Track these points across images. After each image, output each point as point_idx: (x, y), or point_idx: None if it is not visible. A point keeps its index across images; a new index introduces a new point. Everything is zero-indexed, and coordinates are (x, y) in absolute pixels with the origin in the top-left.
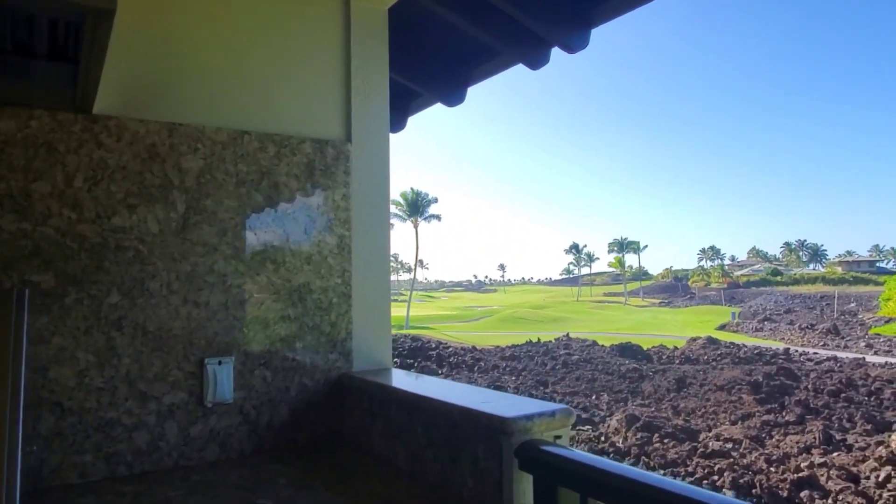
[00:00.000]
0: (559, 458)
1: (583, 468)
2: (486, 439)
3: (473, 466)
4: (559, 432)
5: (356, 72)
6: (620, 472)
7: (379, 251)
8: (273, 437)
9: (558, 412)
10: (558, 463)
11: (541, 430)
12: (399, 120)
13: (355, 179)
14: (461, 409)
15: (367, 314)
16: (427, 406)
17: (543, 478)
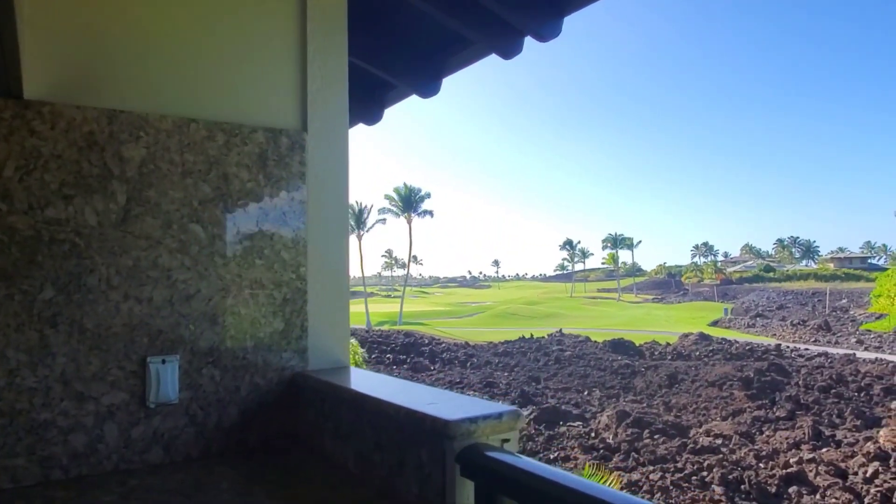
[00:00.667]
0: (502, 464)
1: (525, 476)
2: (430, 443)
3: (418, 472)
4: (507, 436)
5: (313, 58)
6: (565, 482)
7: (337, 245)
8: (222, 438)
9: (506, 414)
10: (501, 470)
11: (486, 434)
12: (375, 112)
13: (312, 171)
14: (406, 411)
15: (324, 311)
16: (374, 407)
17: (485, 486)
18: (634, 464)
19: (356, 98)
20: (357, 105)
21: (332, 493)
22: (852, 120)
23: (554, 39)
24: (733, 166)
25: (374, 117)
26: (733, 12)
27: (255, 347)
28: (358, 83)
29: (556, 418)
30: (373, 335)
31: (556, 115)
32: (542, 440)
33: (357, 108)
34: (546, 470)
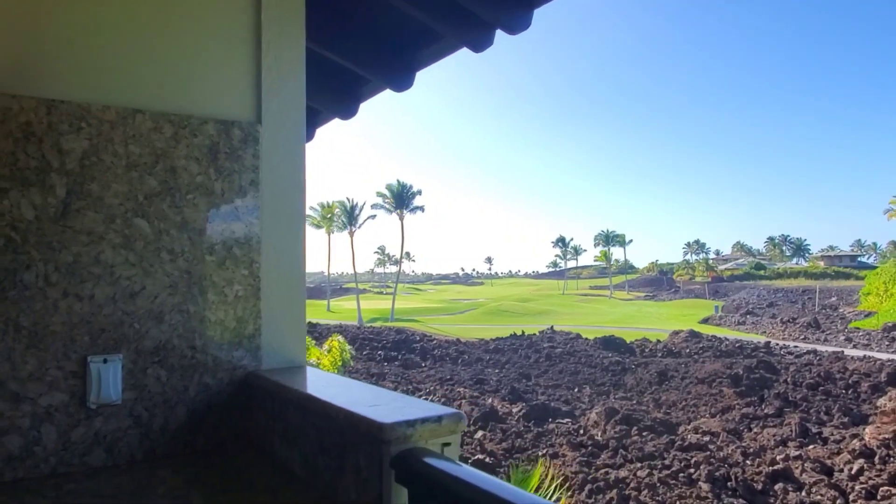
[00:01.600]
0: (436, 471)
1: (457, 485)
2: (367, 447)
3: (357, 476)
4: (448, 439)
5: (268, 47)
6: (498, 492)
7: (292, 241)
8: (168, 440)
9: (446, 417)
10: (434, 477)
11: (425, 438)
12: (350, 106)
13: (266, 164)
14: (345, 413)
15: (279, 308)
16: (318, 408)
17: (418, 493)
18: (622, 461)
19: (331, 93)
20: (332, 100)
21: (272, 498)
22: (844, 118)
23: (524, 31)
24: (725, 164)
25: (349, 112)
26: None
27: (204, 346)
28: (331, 78)
29: (546, 415)
30: (364, 332)
31: (550, 112)
32: (531, 437)
33: (332, 103)
34: (480, 479)
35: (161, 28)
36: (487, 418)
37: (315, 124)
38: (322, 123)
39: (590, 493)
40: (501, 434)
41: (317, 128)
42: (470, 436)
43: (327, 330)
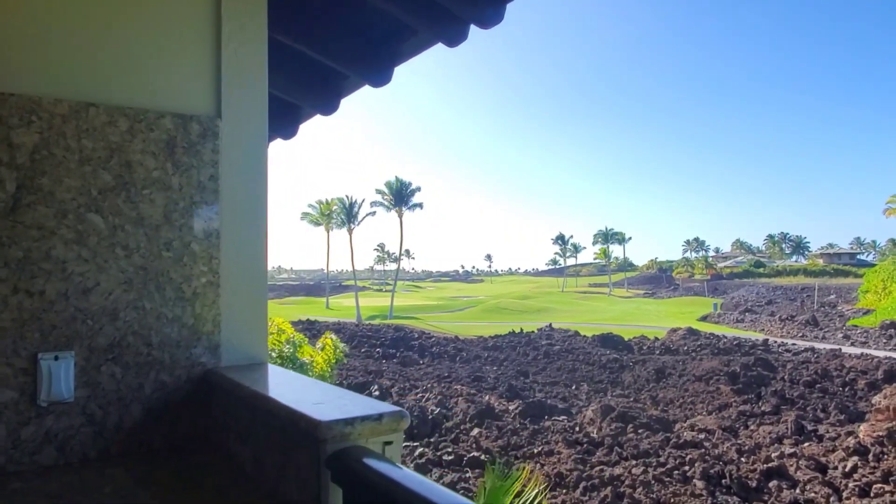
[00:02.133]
0: (370, 472)
1: (389, 486)
2: (306, 445)
3: (297, 475)
4: (390, 438)
5: (228, 40)
6: (431, 495)
7: (254, 236)
8: (123, 439)
9: (387, 416)
10: (368, 478)
11: (364, 437)
12: (332, 102)
13: (226, 158)
14: (287, 411)
15: (240, 305)
16: (265, 406)
17: (351, 494)
18: (617, 458)
19: (311, 88)
20: (312, 95)
21: (217, 497)
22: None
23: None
24: (725, 162)
25: (330, 107)
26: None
27: (161, 344)
28: (311, 73)
29: (542, 412)
30: (363, 329)
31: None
32: (527, 434)
33: (313, 99)
34: (413, 480)
35: (116, 19)
36: (484, 416)
37: (297, 120)
38: (304, 119)
39: (584, 491)
40: (497, 431)
41: (299, 124)
42: (466, 433)
43: (326, 327)
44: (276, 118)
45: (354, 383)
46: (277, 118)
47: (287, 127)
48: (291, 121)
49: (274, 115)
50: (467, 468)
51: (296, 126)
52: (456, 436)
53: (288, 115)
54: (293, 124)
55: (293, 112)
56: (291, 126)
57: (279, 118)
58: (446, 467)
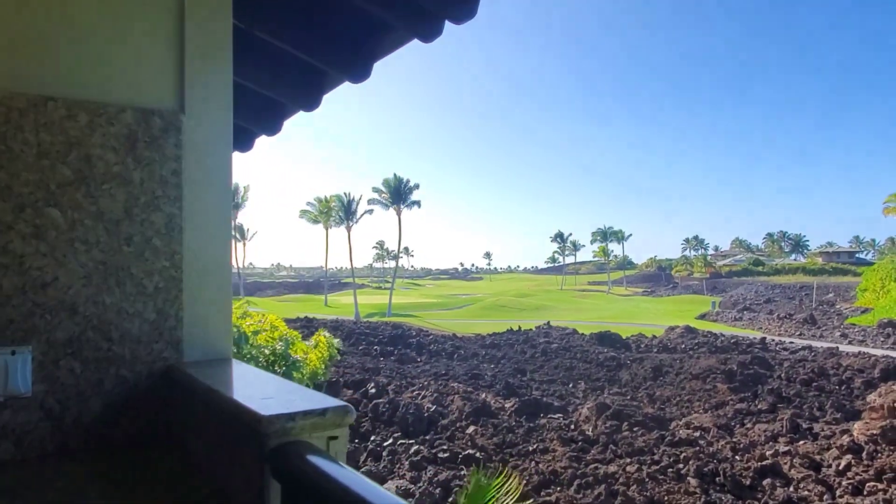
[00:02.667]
0: (308, 467)
1: (325, 482)
2: (250, 440)
3: (243, 470)
4: (335, 433)
5: (192, 32)
6: (364, 493)
7: (218, 232)
8: (82, 434)
9: (331, 410)
10: (305, 474)
11: (307, 432)
12: (314, 98)
13: (189, 153)
14: (234, 405)
15: (203, 300)
16: (217, 401)
17: (289, 490)
18: (612, 456)
19: (292, 85)
20: (294, 92)
21: (168, 493)
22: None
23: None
24: (725, 160)
25: (312, 103)
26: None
27: (121, 339)
28: (291, 70)
29: (538, 410)
30: (360, 327)
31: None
32: (522, 432)
33: (295, 95)
34: (349, 478)
35: (76, 12)
36: (480, 413)
37: (281, 116)
38: (288, 115)
39: (578, 489)
40: (493, 429)
41: (283, 120)
42: (461, 431)
43: (324, 325)
44: (260, 114)
45: (351, 381)
46: (261, 114)
47: (271, 123)
48: (275, 117)
49: (257, 111)
50: (462, 466)
51: (279, 122)
52: (451, 433)
53: (271, 111)
54: (277, 120)
55: (276, 108)
56: (275, 122)
57: (262, 114)
58: (441, 465)
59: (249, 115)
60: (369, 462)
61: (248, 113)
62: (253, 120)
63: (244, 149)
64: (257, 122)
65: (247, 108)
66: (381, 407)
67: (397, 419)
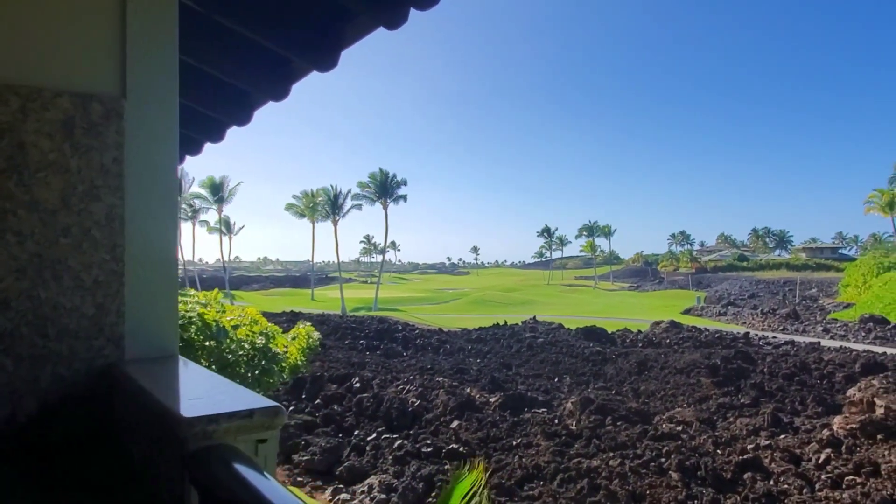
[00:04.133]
0: (226, 474)
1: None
2: (173, 444)
3: (168, 475)
4: (263, 436)
5: (134, 15)
6: (276, 501)
7: (163, 224)
8: (16, 434)
9: (258, 412)
10: (220, 482)
11: (231, 435)
12: (281, 88)
13: (132, 141)
14: (160, 407)
15: (147, 294)
16: (145, 401)
17: (205, 497)
18: (595, 450)
19: (260, 74)
20: (262, 82)
21: (100, 497)
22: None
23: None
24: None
25: (280, 93)
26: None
27: (58, 335)
28: (258, 59)
29: (523, 405)
30: (346, 321)
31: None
32: (506, 427)
33: (263, 85)
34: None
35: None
36: (464, 408)
37: (250, 107)
38: (258, 106)
39: (561, 483)
40: (477, 423)
41: (253, 110)
42: (446, 425)
43: (309, 319)
44: (229, 105)
45: (336, 375)
46: (230, 105)
47: (241, 114)
48: (245, 107)
49: (226, 101)
50: (446, 460)
51: (250, 112)
52: (435, 428)
53: (240, 101)
54: (247, 111)
55: (245, 98)
56: (245, 113)
57: (232, 105)
58: (425, 459)
59: (219, 105)
60: (353, 457)
61: (217, 103)
62: (222, 110)
63: (215, 140)
64: (227, 112)
65: (215, 99)
66: (366, 401)
67: (381, 414)
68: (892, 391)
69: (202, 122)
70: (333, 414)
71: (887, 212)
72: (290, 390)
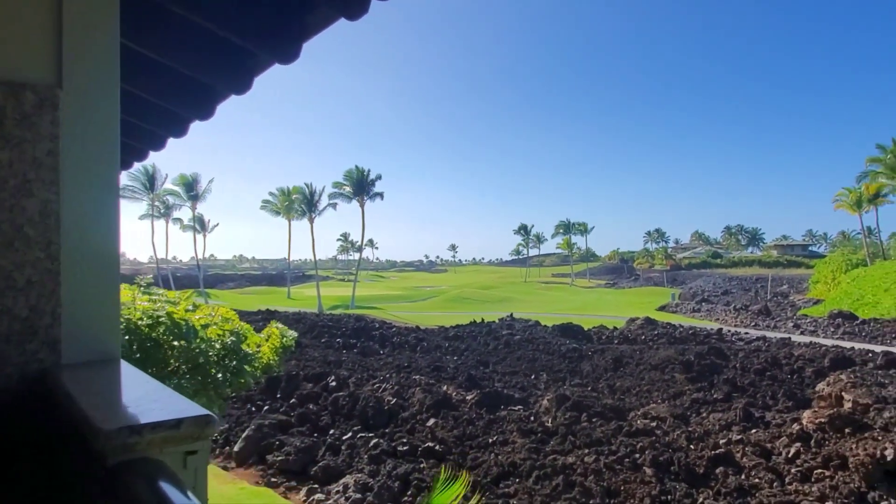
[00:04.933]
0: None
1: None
2: (92, 457)
3: (90, 490)
4: (193, 447)
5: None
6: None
7: (103, 220)
8: None
9: (187, 421)
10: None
11: (156, 447)
12: (244, 81)
13: (68, 133)
14: (82, 415)
15: (85, 295)
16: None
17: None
18: (571, 447)
19: (222, 68)
20: (224, 75)
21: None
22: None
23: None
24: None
25: (243, 86)
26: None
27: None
28: (220, 52)
29: (499, 402)
30: (323, 319)
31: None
32: (482, 424)
33: (225, 78)
34: None
35: None
36: (440, 406)
37: (213, 101)
38: (220, 100)
39: (537, 480)
40: (453, 421)
41: (215, 104)
42: (422, 423)
43: (285, 317)
44: (191, 98)
45: (312, 374)
46: (192, 98)
47: (203, 108)
48: (207, 101)
49: (187, 95)
50: (422, 459)
51: (212, 106)
52: (412, 426)
53: (201, 94)
54: (209, 105)
55: (207, 92)
56: (207, 106)
57: (193, 98)
58: (401, 458)
59: (180, 98)
60: (328, 456)
61: (177, 97)
62: (184, 104)
63: (178, 134)
64: (189, 106)
65: (176, 92)
66: (342, 400)
67: (357, 412)
68: (860, 385)
69: (163, 117)
70: (309, 413)
71: (855, 209)
72: (264, 389)
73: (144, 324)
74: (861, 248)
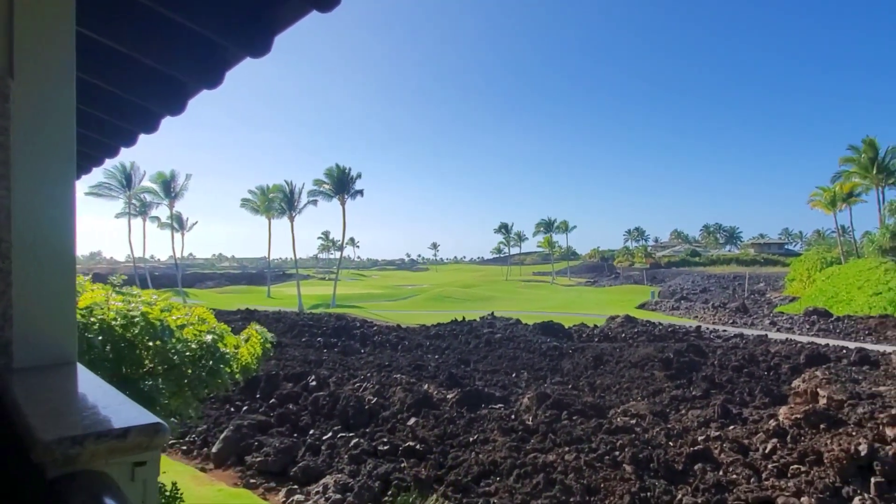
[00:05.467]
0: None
1: None
2: (33, 470)
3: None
4: (142, 457)
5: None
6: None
7: (58, 215)
8: None
9: (134, 431)
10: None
11: (101, 458)
12: (216, 75)
13: (20, 126)
14: (24, 425)
15: (38, 296)
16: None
17: None
18: (551, 445)
19: (192, 62)
20: (195, 69)
21: None
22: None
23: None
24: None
25: (214, 81)
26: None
27: None
28: (190, 45)
29: (480, 401)
30: (304, 318)
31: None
32: (463, 423)
33: (195, 72)
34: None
35: None
36: (421, 405)
37: (184, 95)
38: (191, 94)
39: (517, 478)
40: (434, 420)
41: (187, 99)
42: (403, 423)
43: (265, 316)
44: (161, 93)
45: (292, 373)
46: (161, 93)
47: (174, 102)
48: (177, 96)
49: (157, 89)
50: (402, 458)
51: (183, 101)
52: (392, 425)
53: (172, 89)
54: (180, 99)
55: (177, 86)
56: (178, 101)
57: (163, 93)
58: (381, 458)
59: (150, 93)
60: (308, 457)
61: (148, 91)
62: (154, 99)
63: (149, 130)
64: (159, 101)
65: (146, 87)
66: (322, 400)
67: (338, 412)
68: (834, 382)
69: (133, 112)
70: (288, 413)
71: (829, 208)
72: (243, 389)
73: (118, 324)
74: (835, 246)
